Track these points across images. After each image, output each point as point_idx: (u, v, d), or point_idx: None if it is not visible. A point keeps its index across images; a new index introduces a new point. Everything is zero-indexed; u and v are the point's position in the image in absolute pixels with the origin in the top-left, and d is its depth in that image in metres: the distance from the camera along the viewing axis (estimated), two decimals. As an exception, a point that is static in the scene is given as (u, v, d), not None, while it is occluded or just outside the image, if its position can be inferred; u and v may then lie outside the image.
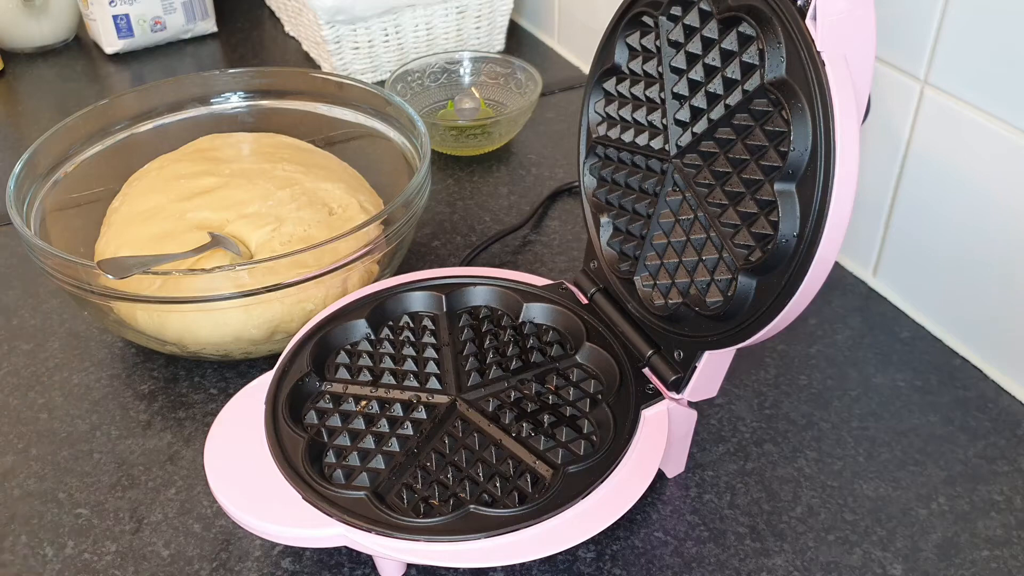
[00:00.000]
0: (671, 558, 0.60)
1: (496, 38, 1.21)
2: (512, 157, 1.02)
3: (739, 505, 0.64)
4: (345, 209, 0.79)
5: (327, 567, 0.60)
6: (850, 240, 0.83)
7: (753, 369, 0.74)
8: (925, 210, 0.75)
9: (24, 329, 0.80)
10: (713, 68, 0.56)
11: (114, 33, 1.23)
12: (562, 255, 0.88)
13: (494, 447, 0.59)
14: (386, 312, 0.69)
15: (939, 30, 0.69)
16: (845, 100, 0.48)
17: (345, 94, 0.90)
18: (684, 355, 0.60)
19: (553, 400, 0.63)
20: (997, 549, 0.61)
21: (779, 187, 0.51)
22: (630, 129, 0.64)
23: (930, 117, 0.72)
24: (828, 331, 0.78)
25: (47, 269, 0.69)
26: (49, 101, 1.17)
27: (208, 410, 0.71)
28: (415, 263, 0.86)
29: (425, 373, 0.65)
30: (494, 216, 0.93)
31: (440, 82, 1.08)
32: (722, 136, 0.56)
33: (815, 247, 0.50)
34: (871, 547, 0.61)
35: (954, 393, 0.72)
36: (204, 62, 1.25)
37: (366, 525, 0.53)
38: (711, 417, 0.70)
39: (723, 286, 0.57)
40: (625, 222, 0.65)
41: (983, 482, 0.65)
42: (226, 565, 0.60)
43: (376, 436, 0.60)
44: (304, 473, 0.56)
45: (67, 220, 0.80)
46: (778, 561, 0.60)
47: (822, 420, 0.70)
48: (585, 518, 0.54)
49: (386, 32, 1.11)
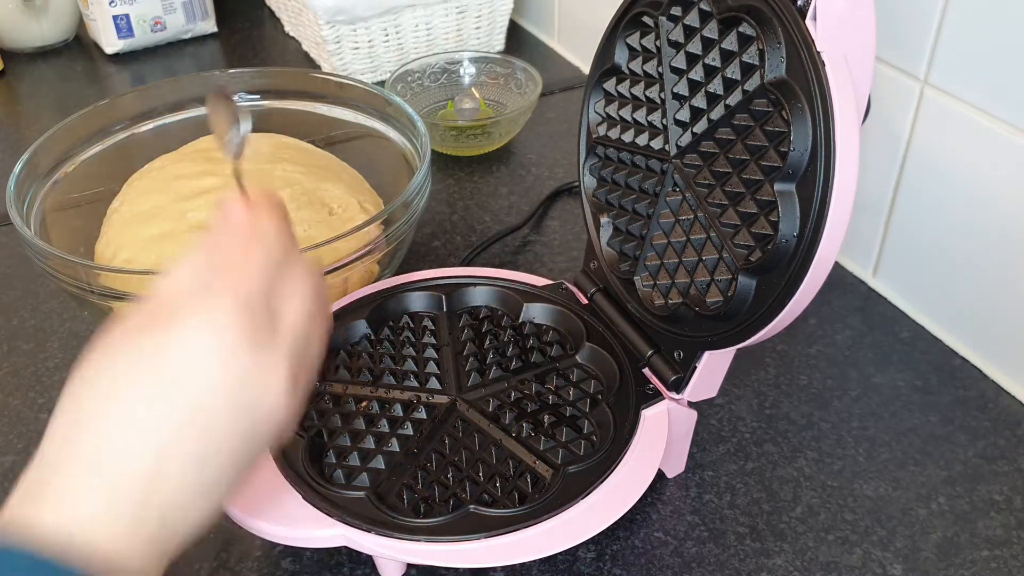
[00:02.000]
0: (671, 558, 0.60)
1: (496, 38, 1.21)
2: (512, 157, 1.02)
3: (739, 505, 0.64)
4: (345, 209, 0.79)
5: (327, 567, 0.60)
6: (850, 240, 0.83)
7: (753, 369, 0.74)
8: (925, 210, 0.75)
9: (24, 329, 0.80)
10: (713, 68, 0.56)
11: (114, 33, 1.23)
12: (562, 255, 0.88)
13: (494, 447, 0.59)
14: (386, 312, 0.69)
15: (939, 30, 0.69)
16: (845, 100, 0.48)
17: (345, 94, 0.90)
18: (684, 355, 0.60)
19: (553, 400, 0.63)
20: (997, 549, 0.61)
21: (779, 187, 0.51)
22: (630, 129, 0.64)
23: (930, 117, 0.72)
24: (828, 331, 0.78)
25: (47, 269, 0.69)
26: (49, 101, 1.17)
27: (208, 410, 0.71)
28: (415, 263, 0.86)
29: (425, 373, 0.65)
30: (494, 216, 0.93)
31: (440, 82, 1.08)
32: (722, 136, 0.56)
33: (815, 247, 0.50)
34: (871, 547, 0.61)
35: (954, 393, 0.72)
36: (204, 62, 1.25)
37: (366, 525, 0.53)
38: (711, 417, 0.70)
39: (723, 286, 0.57)
40: (625, 222, 0.65)
41: (983, 482, 0.65)
42: (226, 565, 0.60)
43: (376, 436, 0.60)
44: (304, 473, 0.56)
45: (67, 220, 0.80)
46: (778, 561, 0.60)
47: (822, 420, 0.70)
48: (585, 518, 0.54)
49: (386, 32, 1.11)
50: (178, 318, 0.38)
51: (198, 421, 0.37)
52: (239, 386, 0.38)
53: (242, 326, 0.38)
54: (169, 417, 0.36)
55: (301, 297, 0.42)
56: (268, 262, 0.41)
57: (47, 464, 0.36)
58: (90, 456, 0.36)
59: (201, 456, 0.37)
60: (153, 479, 0.36)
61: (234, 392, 0.37)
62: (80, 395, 0.37)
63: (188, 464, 0.37)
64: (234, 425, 0.38)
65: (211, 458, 0.37)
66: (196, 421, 0.37)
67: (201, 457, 0.37)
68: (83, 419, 0.37)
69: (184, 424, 0.37)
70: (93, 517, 0.35)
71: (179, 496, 0.37)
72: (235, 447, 0.38)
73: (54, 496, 0.35)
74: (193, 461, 0.37)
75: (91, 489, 0.35)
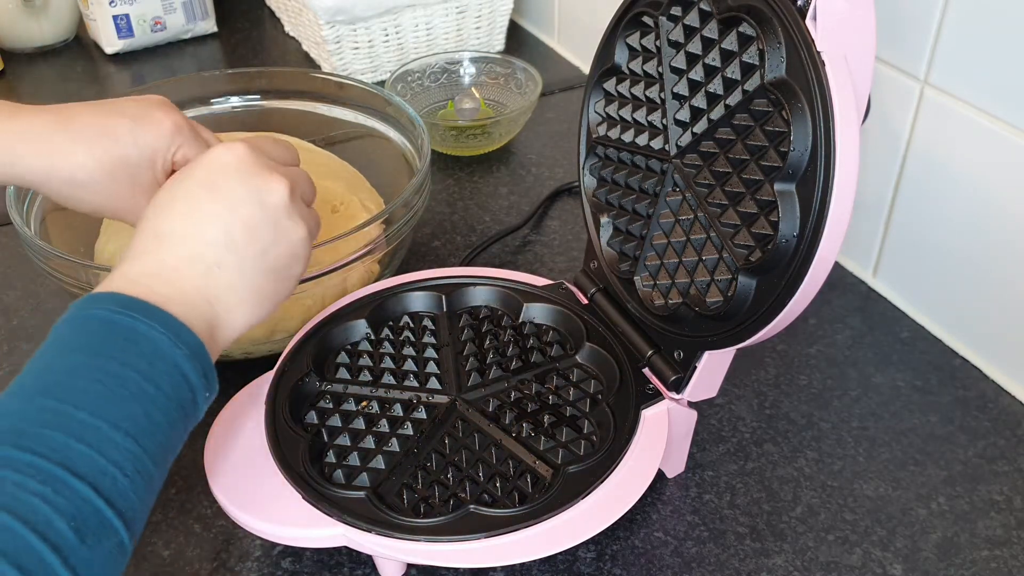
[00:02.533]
0: (671, 558, 0.60)
1: (496, 38, 1.21)
2: (512, 157, 1.02)
3: (739, 505, 0.64)
4: (347, 207, 0.79)
5: (327, 567, 0.60)
6: (850, 240, 0.83)
7: (753, 369, 0.74)
8: (925, 210, 0.75)
9: (24, 329, 0.80)
10: (713, 68, 0.56)
11: (114, 33, 1.23)
12: (562, 255, 0.88)
13: (494, 447, 0.59)
14: (386, 312, 0.69)
15: (939, 30, 0.69)
16: (845, 100, 0.48)
17: (345, 94, 0.90)
18: (684, 355, 0.60)
19: (553, 400, 0.63)
20: (997, 549, 0.61)
21: (779, 187, 0.51)
22: (630, 129, 0.64)
23: (930, 117, 0.72)
24: (828, 331, 0.78)
25: (47, 269, 0.69)
26: (49, 101, 1.15)
27: (208, 410, 0.71)
28: (415, 263, 0.86)
29: (425, 373, 0.65)
30: (494, 216, 0.93)
31: (440, 82, 1.08)
32: (722, 136, 0.56)
33: (815, 247, 0.50)
34: (871, 547, 0.61)
35: (954, 393, 0.72)
36: (204, 62, 1.25)
37: (366, 525, 0.53)
38: (711, 417, 0.70)
39: (723, 286, 0.57)
40: (625, 222, 0.65)
41: (983, 482, 0.65)
42: (226, 565, 0.60)
43: (376, 436, 0.60)
44: (304, 473, 0.56)
45: (67, 220, 0.80)
46: (778, 561, 0.60)
47: (822, 420, 0.70)
48: (585, 518, 0.54)
49: (386, 32, 1.11)
50: (240, 182, 0.51)
51: (249, 235, 0.50)
52: (275, 226, 0.52)
53: (284, 198, 0.52)
54: (230, 227, 0.50)
55: (310, 213, 0.56)
56: (294, 169, 0.57)
57: (137, 250, 0.50)
58: (177, 237, 0.50)
59: (246, 260, 0.50)
60: (211, 268, 0.49)
61: (273, 226, 0.51)
62: (168, 206, 0.51)
63: (238, 262, 0.50)
64: (274, 247, 0.51)
65: (254, 261, 0.51)
66: (247, 235, 0.50)
67: (246, 261, 0.50)
68: (171, 220, 0.50)
69: (239, 233, 0.50)
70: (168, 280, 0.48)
71: (227, 290, 0.50)
72: (269, 265, 0.52)
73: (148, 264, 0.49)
74: (240, 262, 0.50)
75: (175, 257, 0.49)
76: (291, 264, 0.53)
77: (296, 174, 0.55)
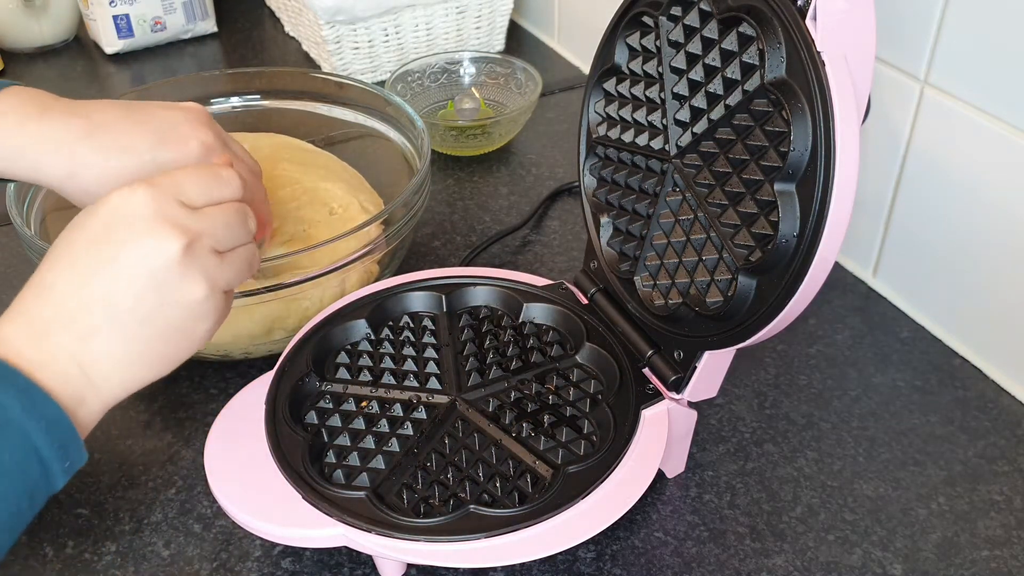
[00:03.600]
0: (671, 558, 0.60)
1: (496, 38, 1.21)
2: (512, 157, 1.02)
3: (739, 505, 0.64)
4: (345, 209, 0.79)
5: (327, 567, 0.60)
6: (850, 240, 0.83)
7: (753, 369, 0.74)
8: (925, 210, 0.75)
9: (24, 329, 0.80)
10: (713, 68, 0.56)
11: (114, 33, 1.23)
12: (562, 255, 0.88)
13: (494, 447, 0.59)
14: (386, 312, 0.69)
15: (939, 30, 0.69)
16: (845, 100, 0.48)
17: (345, 94, 0.90)
18: (684, 355, 0.60)
19: (553, 400, 0.63)
20: (997, 549, 0.61)
21: (779, 187, 0.51)
22: (630, 129, 0.64)
23: (930, 117, 0.72)
24: (828, 331, 0.78)
25: (47, 269, 0.69)
26: (49, 101, 1.17)
27: (208, 410, 0.71)
28: (415, 263, 0.86)
29: (425, 373, 0.65)
30: (494, 216, 0.93)
31: (440, 82, 1.08)
32: (722, 136, 0.56)
33: (815, 247, 0.50)
34: (871, 547, 0.61)
35: (954, 393, 0.72)
36: (204, 62, 1.25)
37: (366, 525, 0.53)
38: (711, 417, 0.70)
39: (723, 286, 0.57)
40: (625, 222, 0.65)
41: (983, 482, 0.65)
42: (226, 565, 0.60)
43: (376, 436, 0.60)
44: (304, 473, 0.56)
45: (67, 220, 0.79)
46: (778, 561, 0.60)
47: (822, 420, 0.70)
48: (585, 518, 0.54)
49: (386, 32, 1.11)
50: (130, 236, 0.48)
51: (132, 299, 0.47)
52: (161, 288, 0.48)
53: (172, 257, 0.48)
54: (111, 289, 0.47)
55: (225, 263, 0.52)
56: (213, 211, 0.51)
57: (19, 306, 0.47)
58: (57, 294, 0.47)
59: (128, 326, 0.48)
60: (88, 333, 0.47)
61: (156, 289, 0.48)
62: (55, 257, 0.49)
63: (119, 328, 0.47)
64: (160, 310, 0.48)
65: (138, 327, 0.48)
66: (130, 299, 0.47)
67: (128, 327, 0.48)
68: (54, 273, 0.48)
69: (122, 296, 0.47)
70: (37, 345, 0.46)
71: (104, 357, 0.47)
72: (157, 330, 0.48)
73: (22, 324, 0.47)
74: (121, 328, 0.47)
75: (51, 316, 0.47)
76: (188, 325, 0.49)
77: (210, 221, 0.50)
